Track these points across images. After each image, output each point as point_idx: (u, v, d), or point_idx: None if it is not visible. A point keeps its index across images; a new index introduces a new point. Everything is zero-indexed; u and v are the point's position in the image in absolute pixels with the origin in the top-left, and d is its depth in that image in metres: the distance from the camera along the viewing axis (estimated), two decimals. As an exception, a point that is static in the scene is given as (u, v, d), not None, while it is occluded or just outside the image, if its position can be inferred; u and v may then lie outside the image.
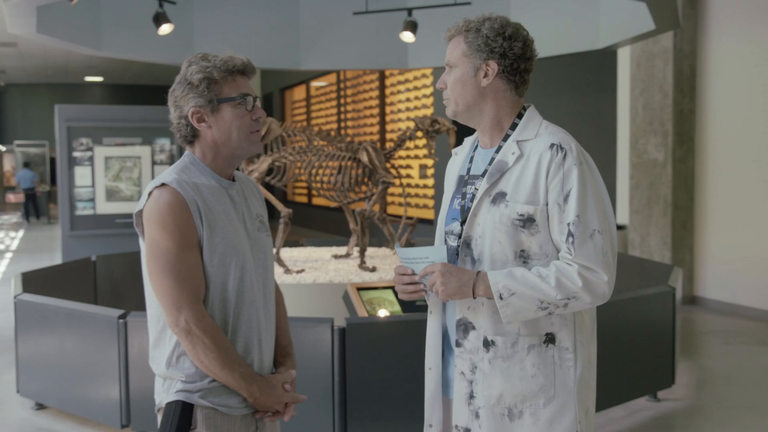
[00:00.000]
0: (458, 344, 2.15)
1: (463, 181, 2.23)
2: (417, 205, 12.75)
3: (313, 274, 5.78)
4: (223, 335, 2.03)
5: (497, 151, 2.16)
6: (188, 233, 2.01)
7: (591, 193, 2.05)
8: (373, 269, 5.87)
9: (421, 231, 11.32)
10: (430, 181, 12.53)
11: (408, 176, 13.02)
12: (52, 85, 24.07)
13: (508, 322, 2.05)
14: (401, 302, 5.02)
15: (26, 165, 21.30)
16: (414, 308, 4.93)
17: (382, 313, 4.94)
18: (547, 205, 2.05)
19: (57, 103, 10.81)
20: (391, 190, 13.32)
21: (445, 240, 2.24)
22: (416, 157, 12.71)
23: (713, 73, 8.20)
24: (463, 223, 2.16)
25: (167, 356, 2.06)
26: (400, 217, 6.64)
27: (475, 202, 2.12)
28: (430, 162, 12.44)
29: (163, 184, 2.03)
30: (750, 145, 7.79)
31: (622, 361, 4.71)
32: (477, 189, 2.15)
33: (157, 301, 2.05)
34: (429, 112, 12.28)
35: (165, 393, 2.07)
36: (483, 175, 2.16)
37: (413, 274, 2.13)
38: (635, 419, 4.81)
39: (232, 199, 2.13)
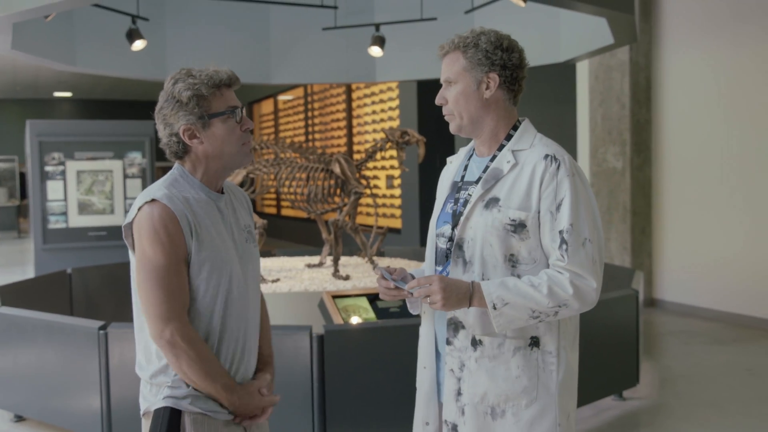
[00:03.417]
0: (449, 342, 2.17)
1: (457, 187, 2.25)
2: (384, 215, 12.77)
3: (288, 283, 5.77)
4: (206, 347, 2.01)
5: (491, 160, 2.19)
6: (178, 247, 1.98)
7: (582, 203, 2.08)
8: (347, 278, 5.87)
9: (389, 240, 11.33)
10: (397, 191, 12.56)
11: (375, 187, 13.04)
12: (21, 100, 23.68)
13: (500, 331, 2.07)
14: (375, 309, 5.03)
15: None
16: (388, 315, 4.95)
17: (355, 320, 4.94)
18: (539, 212, 2.08)
19: (26, 118, 10.64)
20: (360, 200, 13.32)
21: (436, 242, 2.26)
22: (383, 168, 12.74)
23: (667, 84, 8.36)
24: (454, 226, 2.18)
25: (161, 364, 2.04)
26: (368, 226, 6.65)
27: (469, 206, 2.14)
28: (396, 173, 12.47)
29: (153, 200, 2.00)
30: (703, 153, 7.94)
31: (589, 362, 4.72)
32: (470, 194, 2.17)
33: (144, 312, 2.03)
34: (395, 124, 12.32)
35: (153, 398, 2.05)
36: (477, 181, 2.18)
37: (398, 288, 2.14)
38: (602, 418, 4.87)
39: (220, 212, 2.11)
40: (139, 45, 6.90)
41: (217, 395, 2.03)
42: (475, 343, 2.13)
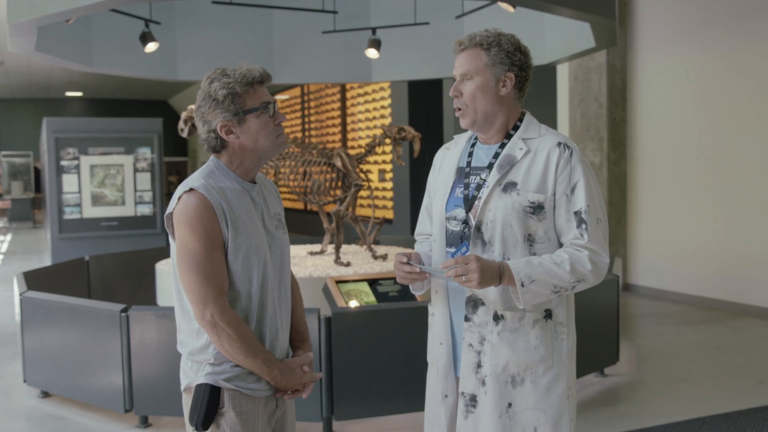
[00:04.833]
0: (467, 319, 2.17)
1: (464, 173, 2.24)
2: (377, 206, 12.79)
3: (294, 269, 5.77)
4: (246, 326, 2.01)
5: (501, 147, 2.19)
6: (213, 234, 1.98)
7: (593, 186, 2.12)
8: (348, 264, 5.88)
9: (382, 230, 11.35)
10: (389, 185, 12.57)
11: (369, 180, 13.03)
12: (35, 99, 23.54)
13: (525, 306, 2.08)
14: (375, 293, 5.05)
15: None
16: (388, 298, 4.97)
17: (353, 303, 4.95)
18: (554, 195, 2.10)
19: (40, 116, 10.61)
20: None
21: (446, 225, 2.24)
22: (375, 162, 12.74)
23: (642, 85, 8.40)
24: (468, 210, 2.17)
25: (201, 342, 2.04)
26: (365, 217, 6.66)
27: (487, 190, 2.13)
28: (388, 167, 12.48)
29: (191, 189, 2.00)
30: (675, 149, 7.99)
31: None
32: (483, 179, 2.17)
33: (185, 295, 2.03)
34: (387, 122, 12.32)
35: (194, 374, 2.05)
36: (488, 167, 2.18)
37: (421, 272, 2.14)
38: (586, 393, 4.91)
39: (253, 200, 2.11)
40: (151, 47, 6.87)
41: (259, 370, 2.03)
42: (497, 317, 2.14)
